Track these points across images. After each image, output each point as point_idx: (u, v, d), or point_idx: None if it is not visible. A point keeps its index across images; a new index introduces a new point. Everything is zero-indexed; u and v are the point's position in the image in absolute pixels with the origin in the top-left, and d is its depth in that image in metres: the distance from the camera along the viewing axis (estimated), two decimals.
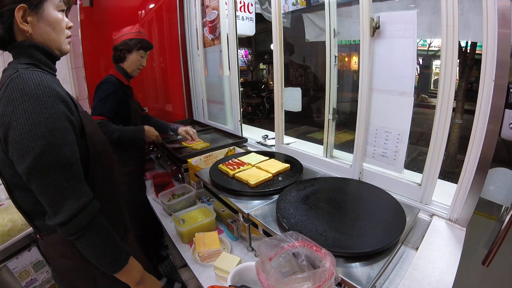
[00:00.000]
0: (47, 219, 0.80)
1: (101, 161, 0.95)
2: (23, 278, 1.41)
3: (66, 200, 0.77)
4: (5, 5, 0.76)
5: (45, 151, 0.73)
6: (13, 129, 0.72)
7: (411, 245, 1.10)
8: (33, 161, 0.73)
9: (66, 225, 0.78)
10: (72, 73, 2.41)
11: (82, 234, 0.81)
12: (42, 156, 0.73)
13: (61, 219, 0.77)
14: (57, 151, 0.76)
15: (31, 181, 0.75)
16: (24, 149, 0.72)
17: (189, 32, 2.83)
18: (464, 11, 1.71)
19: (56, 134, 0.75)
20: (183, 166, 1.83)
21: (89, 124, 0.91)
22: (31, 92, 0.73)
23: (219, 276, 1.13)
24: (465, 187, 1.04)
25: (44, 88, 0.75)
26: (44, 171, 0.74)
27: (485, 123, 0.94)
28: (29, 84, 0.74)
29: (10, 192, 0.87)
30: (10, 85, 0.73)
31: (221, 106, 2.63)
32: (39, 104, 0.73)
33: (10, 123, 0.72)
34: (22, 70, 0.76)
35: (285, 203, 1.14)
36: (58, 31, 0.87)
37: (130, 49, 1.80)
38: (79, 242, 0.82)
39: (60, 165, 0.76)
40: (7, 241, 1.35)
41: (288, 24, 2.49)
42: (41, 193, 0.77)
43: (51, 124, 0.75)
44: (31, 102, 0.73)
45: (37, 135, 0.72)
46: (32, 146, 0.72)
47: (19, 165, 0.74)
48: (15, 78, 0.74)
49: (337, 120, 1.63)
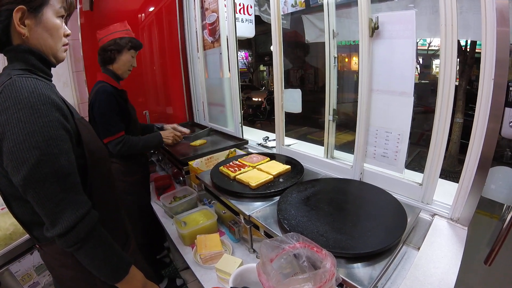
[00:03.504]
0: (45, 231, 0.78)
1: (99, 169, 0.93)
2: (26, 282, 1.41)
3: (63, 212, 0.75)
4: (3, 4, 0.74)
5: (40, 162, 0.71)
6: (7, 139, 0.70)
7: (413, 245, 1.10)
8: (28, 172, 0.70)
9: (65, 237, 0.76)
10: (73, 77, 2.42)
11: (81, 245, 0.79)
12: (38, 167, 0.71)
13: (59, 231, 0.75)
14: (53, 161, 0.73)
15: (27, 193, 0.73)
16: (19, 160, 0.70)
17: (189, 35, 2.84)
18: (463, 10, 1.72)
19: (51, 144, 0.73)
20: (184, 169, 1.83)
21: (86, 132, 0.89)
22: (25, 100, 0.71)
23: (220, 278, 1.13)
24: (466, 186, 1.03)
25: (38, 95, 0.73)
26: (40, 182, 0.72)
27: (485, 122, 0.94)
28: (23, 92, 0.71)
29: (7, 202, 0.85)
30: (3, 93, 0.71)
31: (222, 108, 2.63)
32: (33, 112, 0.71)
33: (4, 133, 0.70)
34: (16, 77, 0.74)
35: (286, 204, 1.14)
36: (56, 38, 0.85)
37: (121, 49, 1.65)
38: (79, 253, 0.81)
39: (57, 175, 0.74)
40: (10, 245, 1.35)
41: (287, 26, 2.50)
42: (38, 205, 0.74)
43: (46, 133, 0.72)
44: (25, 111, 0.70)
45: (31, 145, 0.70)
46: (27, 157, 0.70)
47: (14, 176, 0.72)
48: (8, 85, 0.72)
49: (337, 121, 1.63)
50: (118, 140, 1.58)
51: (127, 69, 1.73)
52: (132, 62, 1.72)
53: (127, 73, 1.75)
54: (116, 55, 1.65)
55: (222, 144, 2.17)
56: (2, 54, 0.83)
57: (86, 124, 0.94)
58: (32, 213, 0.80)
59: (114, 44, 1.63)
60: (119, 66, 1.68)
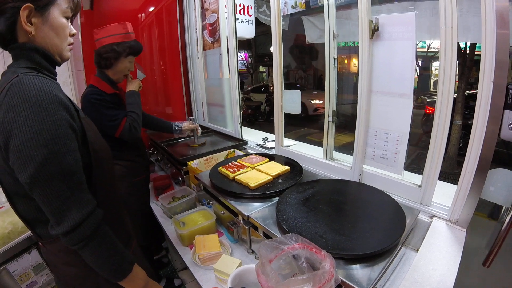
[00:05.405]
0: (49, 228, 0.79)
1: (103, 168, 0.93)
2: (23, 281, 1.40)
3: (69, 210, 0.76)
4: (10, 1, 0.75)
5: (47, 160, 0.72)
6: (14, 137, 0.70)
7: (412, 247, 1.10)
8: (35, 170, 0.71)
9: (70, 235, 0.77)
10: (73, 76, 2.42)
11: (86, 244, 0.80)
12: (45, 165, 0.72)
13: (65, 229, 0.76)
14: (60, 159, 0.74)
15: (33, 190, 0.73)
16: (26, 157, 0.70)
17: (189, 35, 2.84)
18: (463, 12, 1.72)
19: (58, 142, 0.74)
20: (183, 169, 1.83)
21: (91, 131, 0.90)
22: (33, 99, 0.71)
23: (219, 279, 1.12)
24: (465, 188, 1.04)
25: (46, 94, 0.73)
26: (46, 180, 0.73)
27: (485, 124, 0.94)
28: (31, 90, 0.72)
29: (10, 199, 0.86)
30: (11, 91, 0.71)
31: (221, 109, 2.63)
32: (41, 111, 0.71)
33: (11, 130, 0.70)
34: (23, 75, 0.74)
35: (285, 205, 1.14)
36: (62, 37, 0.86)
37: (118, 56, 1.58)
38: (83, 251, 0.81)
39: (63, 174, 0.75)
40: (8, 244, 1.35)
41: (286, 27, 2.50)
42: (44, 203, 0.75)
43: (54, 132, 0.73)
44: (33, 109, 0.70)
45: (39, 143, 0.71)
46: (34, 155, 0.70)
47: (21, 174, 0.72)
48: (16, 83, 0.72)
49: (336, 122, 1.63)
50: (127, 125, 1.55)
51: (123, 75, 1.68)
52: (129, 67, 1.67)
53: (123, 78, 1.70)
54: (113, 61, 1.59)
55: (222, 144, 2.17)
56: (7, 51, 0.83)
57: (90, 123, 0.94)
58: (36, 210, 0.81)
59: (111, 51, 1.56)
60: (115, 72, 1.63)
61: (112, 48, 1.56)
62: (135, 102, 1.67)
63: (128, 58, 1.62)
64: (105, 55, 1.56)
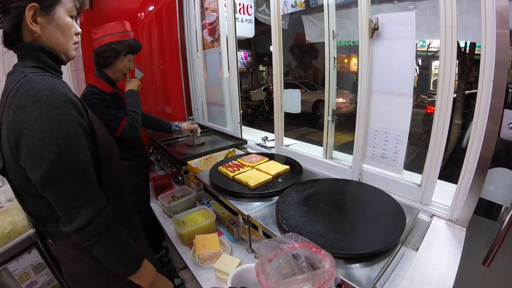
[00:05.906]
0: (61, 226, 0.80)
1: (111, 165, 0.95)
2: (23, 281, 1.41)
3: (81, 207, 0.77)
4: (15, 1, 0.75)
5: (59, 159, 0.72)
6: (25, 137, 0.70)
7: (411, 246, 1.10)
8: (47, 169, 0.71)
9: (82, 232, 0.78)
10: (72, 76, 2.41)
11: (97, 240, 0.81)
12: (56, 164, 0.72)
13: (77, 226, 0.76)
14: (71, 158, 0.75)
15: (45, 189, 0.74)
16: (38, 156, 0.71)
17: (188, 35, 2.83)
18: (463, 12, 1.72)
19: (69, 141, 0.74)
20: (183, 168, 1.83)
21: (99, 129, 0.91)
22: (43, 98, 0.71)
23: (219, 278, 1.13)
24: (465, 188, 1.04)
25: (55, 93, 0.73)
26: (58, 178, 0.73)
27: (484, 123, 0.94)
28: (41, 89, 0.72)
29: (20, 198, 0.86)
30: (20, 91, 0.71)
31: (221, 108, 2.63)
32: (52, 110, 0.72)
33: (22, 130, 0.70)
34: (32, 74, 0.74)
35: (284, 204, 1.14)
36: (67, 36, 0.86)
37: (117, 55, 1.58)
38: (94, 247, 0.82)
39: (74, 172, 0.75)
40: (7, 244, 1.35)
41: (285, 26, 2.49)
42: (56, 201, 0.76)
43: (65, 131, 0.73)
44: (43, 109, 0.71)
45: (50, 142, 0.71)
46: (46, 154, 0.71)
47: (32, 173, 0.72)
48: (25, 83, 0.72)
49: (336, 122, 1.63)
50: (127, 125, 1.56)
51: (122, 74, 1.68)
52: (129, 65, 1.67)
53: (122, 77, 1.71)
54: (112, 60, 1.59)
55: (221, 144, 2.17)
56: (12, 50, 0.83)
57: (98, 121, 0.95)
58: (47, 208, 0.81)
59: (110, 50, 1.56)
60: (114, 71, 1.64)
61: (111, 47, 1.56)
62: (134, 101, 1.67)
63: (128, 57, 1.63)
64: (105, 54, 1.57)
